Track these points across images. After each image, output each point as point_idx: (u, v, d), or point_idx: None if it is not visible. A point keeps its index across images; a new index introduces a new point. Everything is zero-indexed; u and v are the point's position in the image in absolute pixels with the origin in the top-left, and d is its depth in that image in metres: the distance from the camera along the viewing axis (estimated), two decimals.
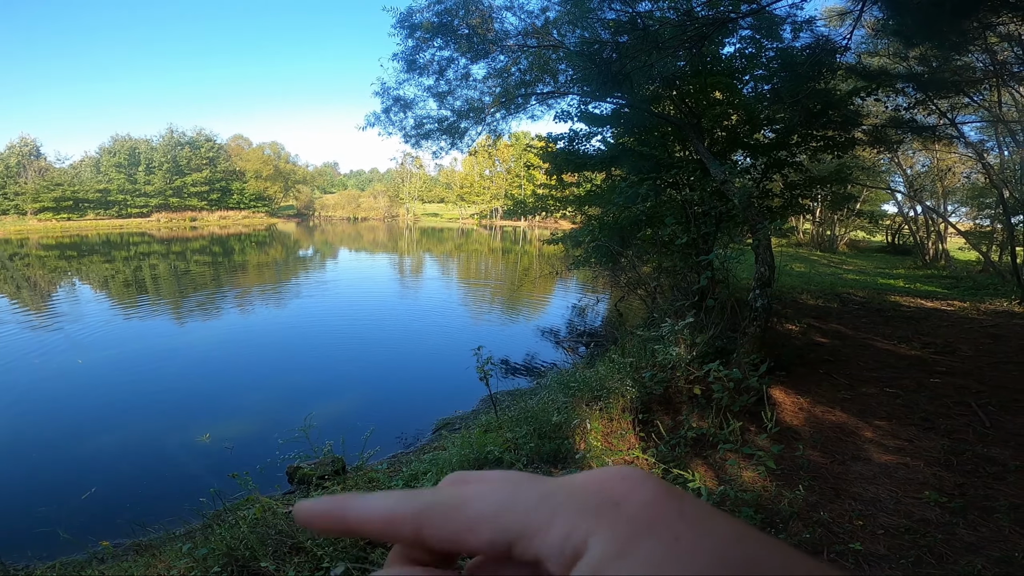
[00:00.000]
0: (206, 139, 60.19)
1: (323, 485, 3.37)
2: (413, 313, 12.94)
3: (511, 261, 28.01)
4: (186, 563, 2.55)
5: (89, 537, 3.19)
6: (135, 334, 10.58)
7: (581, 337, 10.04)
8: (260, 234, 44.73)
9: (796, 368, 5.50)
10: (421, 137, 10.15)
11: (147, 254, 27.67)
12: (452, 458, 3.39)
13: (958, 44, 7.32)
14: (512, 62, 9.06)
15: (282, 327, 11.35)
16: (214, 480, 3.35)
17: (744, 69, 7.34)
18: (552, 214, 12.85)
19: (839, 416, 4.46)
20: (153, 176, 56.22)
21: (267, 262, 25.76)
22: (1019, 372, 5.54)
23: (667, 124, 7.71)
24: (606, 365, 4.97)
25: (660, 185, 7.62)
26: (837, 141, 7.73)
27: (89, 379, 7.62)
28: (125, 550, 3.09)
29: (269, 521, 2.78)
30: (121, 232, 45.44)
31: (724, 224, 6.84)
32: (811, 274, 15.01)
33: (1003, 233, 15.73)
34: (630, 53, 6.34)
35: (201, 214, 58.64)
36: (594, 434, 3.74)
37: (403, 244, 38.08)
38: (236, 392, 7.14)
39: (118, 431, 5.78)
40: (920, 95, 9.47)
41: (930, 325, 8.08)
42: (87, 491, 4.33)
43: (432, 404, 6.56)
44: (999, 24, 7.43)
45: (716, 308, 5.37)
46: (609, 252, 7.86)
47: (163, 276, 19.63)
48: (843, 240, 29.09)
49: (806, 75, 6.80)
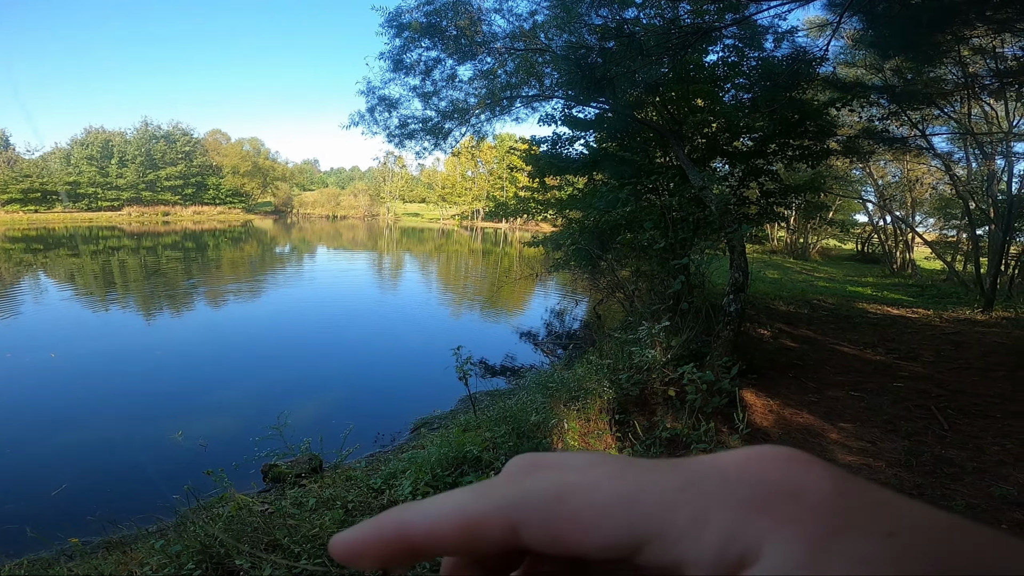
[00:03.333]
0: (182, 133, 58.73)
1: (299, 483, 3.34)
2: (392, 312, 12.87)
3: (491, 262, 28.02)
4: (158, 560, 2.51)
5: (58, 534, 3.11)
6: (105, 330, 10.29)
7: (560, 339, 10.13)
8: (236, 230, 43.80)
9: (767, 371, 5.65)
10: (405, 137, 10.17)
11: (117, 248, 26.88)
12: (431, 457, 3.40)
13: (932, 56, 7.62)
14: (499, 64, 9.13)
15: (258, 324, 11.18)
16: (187, 477, 3.29)
17: (726, 77, 7.50)
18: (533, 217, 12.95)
19: (807, 418, 4.61)
20: (126, 169, 54.62)
21: (242, 258, 25.28)
22: (978, 377, 5.79)
23: (649, 130, 7.84)
24: (584, 367, 5.04)
25: (640, 191, 7.74)
26: (812, 150, 7.95)
27: (60, 375, 7.39)
28: (95, 547, 3.03)
29: (245, 519, 2.75)
30: (90, 225, 44.02)
31: (701, 230, 6.99)
32: (784, 281, 15.39)
33: (968, 244, 16.35)
34: (615, 59, 6.45)
35: (174, 209, 57.16)
36: (572, 434, 3.80)
37: (383, 243, 37.78)
38: (210, 389, 7.01)
39: (89, 428, 5.64)
40: (893, 106, 9.82)
41: (895, 332, 8.38)
42: (57, 488, 4.22)
43: (411, 403, 6.54)
44: (973, 37, 7.73)
45: (691, 312, 5.50)
46: (589, 255, 7.96)
47: (133, 271, 19.13)
48: (815, 248, 29.87)
49: (785, 84, 7.00)
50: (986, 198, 12.69)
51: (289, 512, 2.79)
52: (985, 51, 8.75)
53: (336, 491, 3.01)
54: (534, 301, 15.16)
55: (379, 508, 2.85)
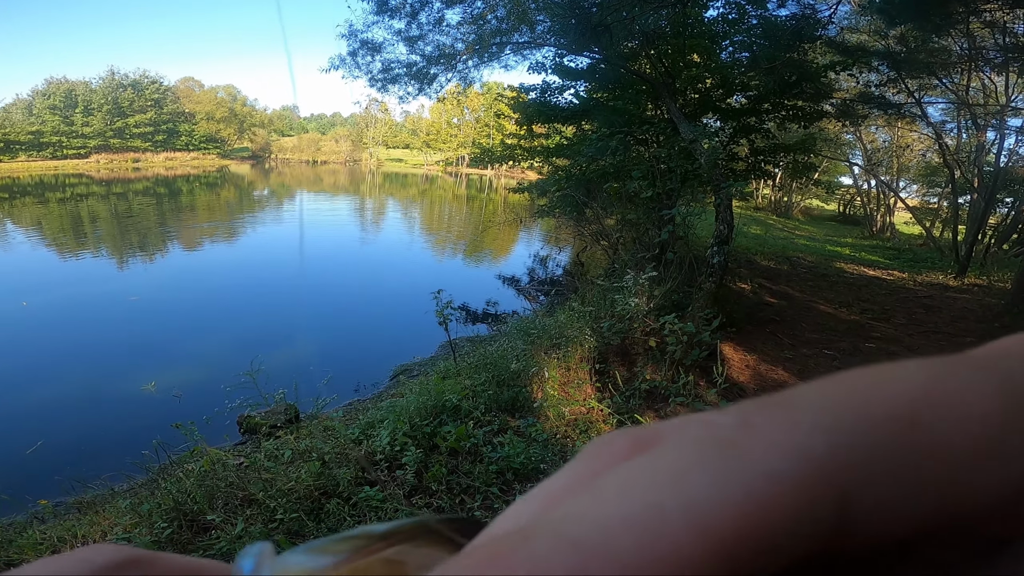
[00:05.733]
0: (151, 81, 55.66)
1: (275, 435, 3.29)
2: (372, 256, 12.74)
3: (475, 208, 27.65)
4: (130, 519, 2.46)
5: (26, 496, 3.00)
6: (74, 277, 9.94)
7: (542, 285, 10.10)
8: (211, 176, 42.23)
9: (745, 326, 5.72)
10: (388, 81, 9.79)
11: (85, 196, 25.73)
12: (409, 406, 3.39)
13: (940, 26, 7.43)
14: (489, 9, 8.67)
15: (235, 270, 10.89)
16: (160, 431, 3.19)
17: (725, 34, 7.30)
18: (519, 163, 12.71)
19: (781, 375, 4.70)
20: (92, 118, 51.88)
21: (217, 203, 24.49)
22: (947, 342, 5.94)
23: (641, 82, 7.65)
24: (566, 314, 5.03)
25: (630, 141, 7.61)
26: (806, 112, 7.89)
27: (32, 324, 7.09)
28: (67, 508, 2.96)
29: (219, 473, 2.70)
30: (56, 173, 41.77)
31: (689, 182, 6.93)
32: (766, 237, 15.50)
33: (948, 211, 16.60)
34: (612, 6, 6.15)
35: (145, 155, 54.68)
36: (551, 383, 3.81)
37: (365, 188, 36.91)
38: (184, 338, 6.81)
39: (55, 382, 5.40)
40: (892, 73, 9.67)
41: (870, 292, 8.54)
42: (31, 447, 4.05)
43: (390, 349, 6.47)
44: (986, 11, 7.53)
45: (675, 262, 5.48)
46: (575, 202, 7.89)
47: (103, 218, 18.41)
48: (798, 207, 30.05)
49: (786, 44, 6.80)
50: (972, 168, 12.85)
51: (264, 466, 2.76)
52: (995, 25, 8.58)
53: (313, 442, 2.97)
54: (517, 247, 15.03)
55: (356, 460, 2.83)
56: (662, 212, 6.11)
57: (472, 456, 2.99)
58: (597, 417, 3.62)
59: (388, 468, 2.85)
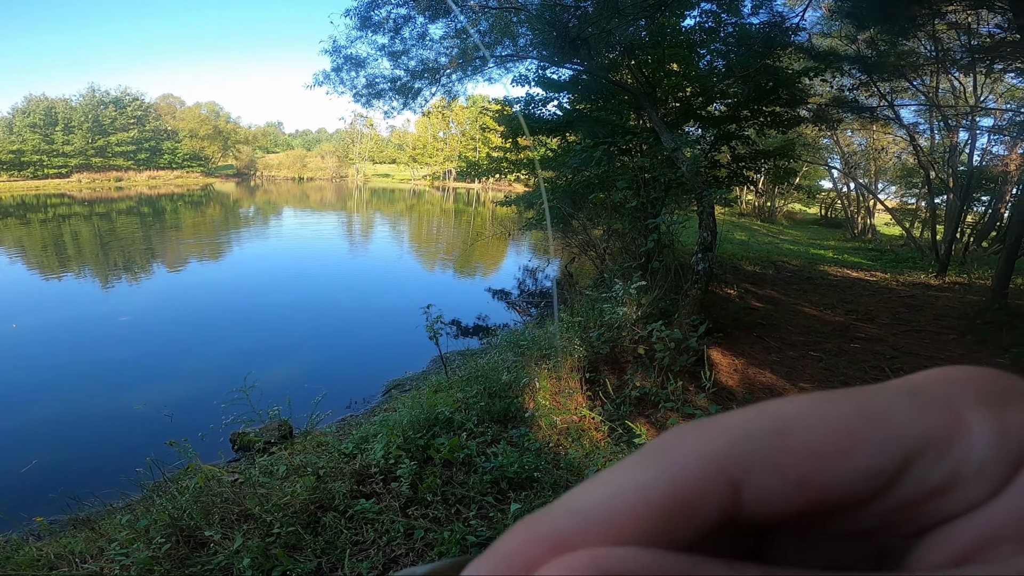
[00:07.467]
0: (132, 98, 55.32)
1: (269, 451, 3.30)
2: (362, 273, 12.68)
3: (464, 222, 27.73)
4: (127, 535, 2.45)
5: (21, 514, 2.99)
6: (62, 299, 9.81)
7: (532, 298, 10.17)
8: (195, 194, 41.86)
9: (732, 331, 5.81)
10: (373, 96, 9.88)
11: (67, 216, 25.40)
12: (402, 419, 3.40)
13: (906, 29, 7.66)
14: (472, 23, 8.81)
15: (224, 289, 10.82)
16: (153, 449, 3.20)
17: (702, 43, 7.47)
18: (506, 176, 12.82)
19: (769, 378, 4.78)
20: (72, 136, 51.26)
21: (203, 222, 24.30)
22: (930, 340, 6.09)
23: (623, 92, 7.78)
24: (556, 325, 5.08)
25: (614, 151, 7.73)
26: (783, 118, 8.07)
27: (22, 346, 7.03)
28: (62, 526, 2.94)
29: (214, 489, 2.70)
30: (38, 193, 41.12)
31: (672, 191, 7.05)
32: (751, 242, 15.74)
33: (926, 211, 16.99)
34: (591, 19, 6.29)
35: (128, 174, 54.09)
36: (543, 393, 3.84)
37: (352, 204, 36.85)
38: (176, 357, 6.76)
39: (49, 402, 5.39)
40: (864, 77, 9.93)
41: (853, 294, 8.71)
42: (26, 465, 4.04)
43: (382, 365, 6.49)
44: (949, 12, 7.78)
45: (661, 270, 5.57)
46: (561, 214, 7.97)
47: (86, 238, 18.19)
48: (782, 212, 30.55)
49: (760, 52, 6.99)
50: (947, 168, 13.16)
51: (259, 481, 2.76)
52: (960, 27, 8.85)
53: (307, 457, 2.98)
54: (506, 261, 15.10)
55: (351, 473, 2.84)
56: (647, 221, 6.21)
57: (466, 467, 3.01)
58: (589, 425, 3.66)
59: (383, 481, 2.86)
